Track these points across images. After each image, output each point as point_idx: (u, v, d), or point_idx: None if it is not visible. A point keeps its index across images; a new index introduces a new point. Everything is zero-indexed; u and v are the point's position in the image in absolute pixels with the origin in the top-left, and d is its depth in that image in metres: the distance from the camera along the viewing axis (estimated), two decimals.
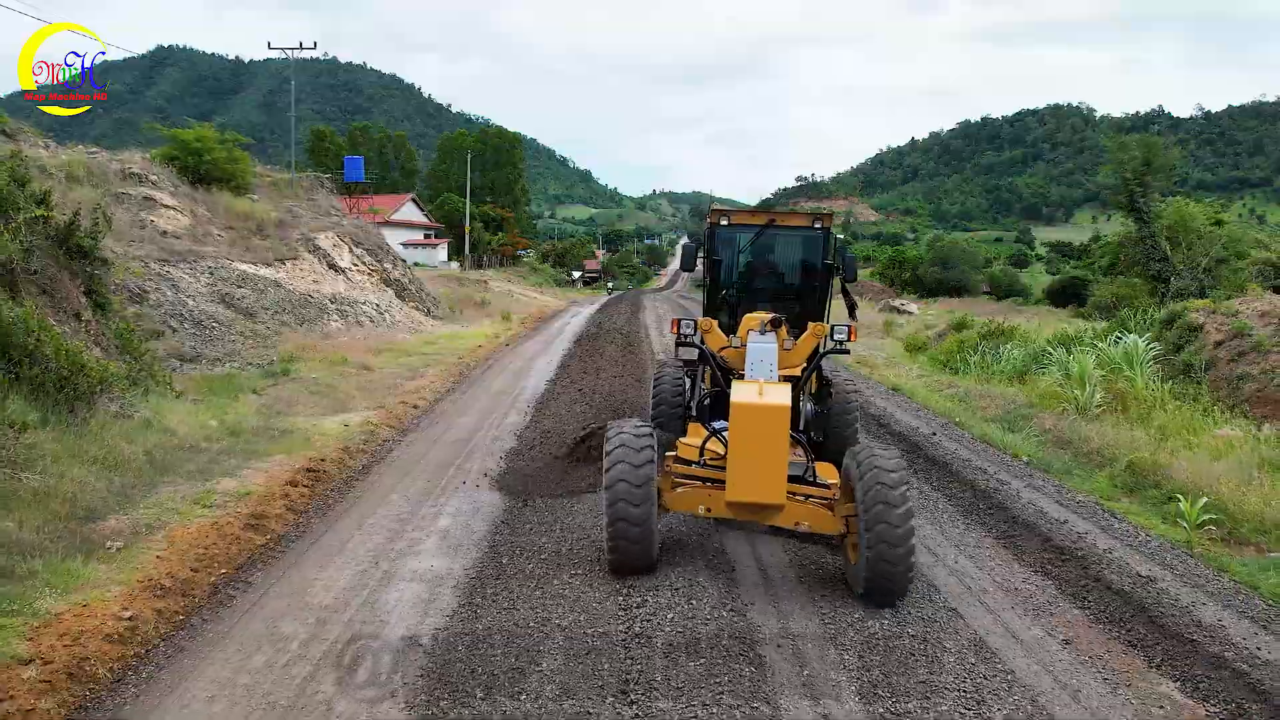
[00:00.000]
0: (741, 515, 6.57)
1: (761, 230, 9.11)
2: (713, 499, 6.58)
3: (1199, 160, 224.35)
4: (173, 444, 10.23)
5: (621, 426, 6.73)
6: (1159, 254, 23.53)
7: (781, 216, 9.33)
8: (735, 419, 6.20)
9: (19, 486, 7.74)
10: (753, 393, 6.29)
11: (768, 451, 6.14)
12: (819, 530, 6.60)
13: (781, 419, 6.15)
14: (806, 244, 9.14)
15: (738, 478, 6.21)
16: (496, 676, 5.09)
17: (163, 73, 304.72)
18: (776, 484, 6.19)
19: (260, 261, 26.34)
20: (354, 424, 12.38)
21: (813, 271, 9.15)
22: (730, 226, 9.05)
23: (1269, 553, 7.70)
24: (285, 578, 6.80)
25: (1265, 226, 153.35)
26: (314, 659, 5.39)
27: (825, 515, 6.54)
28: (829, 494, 6.71)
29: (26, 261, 10.92)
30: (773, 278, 9.49)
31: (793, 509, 6.44)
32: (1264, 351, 12.62)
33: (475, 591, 6.43)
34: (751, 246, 9.31)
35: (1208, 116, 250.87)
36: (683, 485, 6.80)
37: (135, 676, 5.33)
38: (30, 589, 6.25)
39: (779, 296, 9.23)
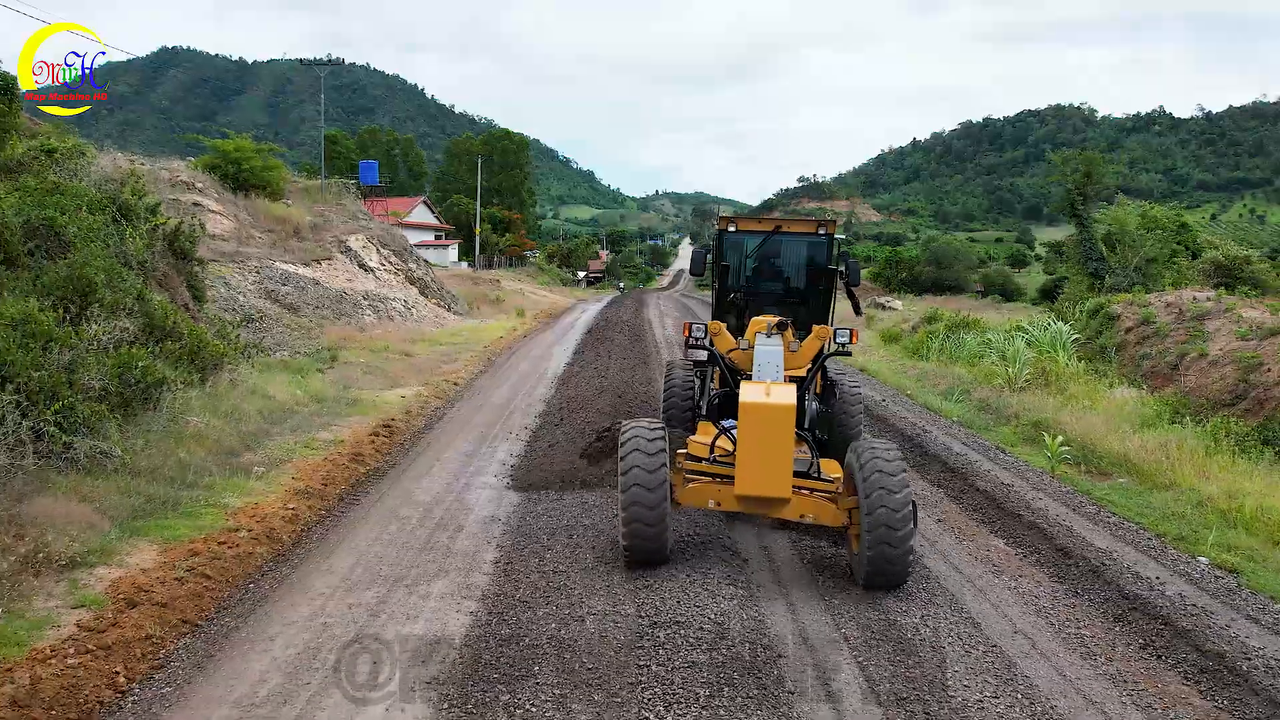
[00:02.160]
0: (750, 509, 6.85)
1: (768, 236, 9.42)
2: (722, 493, 6.87)
3: (1199, 161, 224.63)
4: (275, 406, 12.89)
5: (636, 425, 6.98)
6: (1096, 254, 26.33)
7: (787, 223, 9.65)
8: (743, 418, 6.55)
9: (184, 428, 10.39)
10: (760, 393, 6.64)
11: (774, 448, 6.48)
12: (823, 522, 6.87)
13: (787, 418, 6.49)
14: (811, 249, 9.43)
15: (746, 473, 6.55)
16: (549, 533, 7.75)
17: (166, 74, 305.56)
18: (783, 479, 6.53)
19: (299, 261, 28.97)
20: (409, 395, 15.05)
21: (817, 276, 9.40)
22: (738, 233, 9.38)
23: (1116, 479, 10.32)
24: (392, 488, 9.47)
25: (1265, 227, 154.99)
26: (430, 526, 8.06)
27: (829, 508, 6.80)
28: (832, 488, 6.98)
29: (151, 261, 13.57)
30: (779, 282, 9.73)
31: (798, 502, 6.70)
32: (1162, 335, 15.25)
33: (529, 497, 9.09)
34: (758, 252, 9.56)
35: (1208, 117, 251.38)
36: (694, 481, 7.06)
37: (308, 538, 7.98)
38: (215, 494, 8.90)
39: (784, 300, 9.47)
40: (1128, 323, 16.33)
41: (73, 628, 5.90)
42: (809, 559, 7.39)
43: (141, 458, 9.12)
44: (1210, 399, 12.99)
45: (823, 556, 7.43)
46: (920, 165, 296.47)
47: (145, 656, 5.65)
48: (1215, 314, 15.21)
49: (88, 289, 10.56)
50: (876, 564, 6.34)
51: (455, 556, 7.35)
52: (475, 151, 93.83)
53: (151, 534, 7.66)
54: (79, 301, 10.43)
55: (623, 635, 5.76)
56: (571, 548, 7.49)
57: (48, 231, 11.36)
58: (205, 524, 7.98)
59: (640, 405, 13.17)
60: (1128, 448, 10.88)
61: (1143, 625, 6.16)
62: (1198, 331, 14.74)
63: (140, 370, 9.89)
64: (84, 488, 8.15)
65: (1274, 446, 10.87)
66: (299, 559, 7.46)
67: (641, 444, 6.64)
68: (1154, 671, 5.52)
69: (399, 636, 5.82)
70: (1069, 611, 6.43)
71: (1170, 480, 9.76)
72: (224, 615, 6.32)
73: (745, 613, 6.13)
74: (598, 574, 6.87)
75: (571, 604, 6.21)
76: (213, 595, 6.64)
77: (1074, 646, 5.84)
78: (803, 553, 7.53)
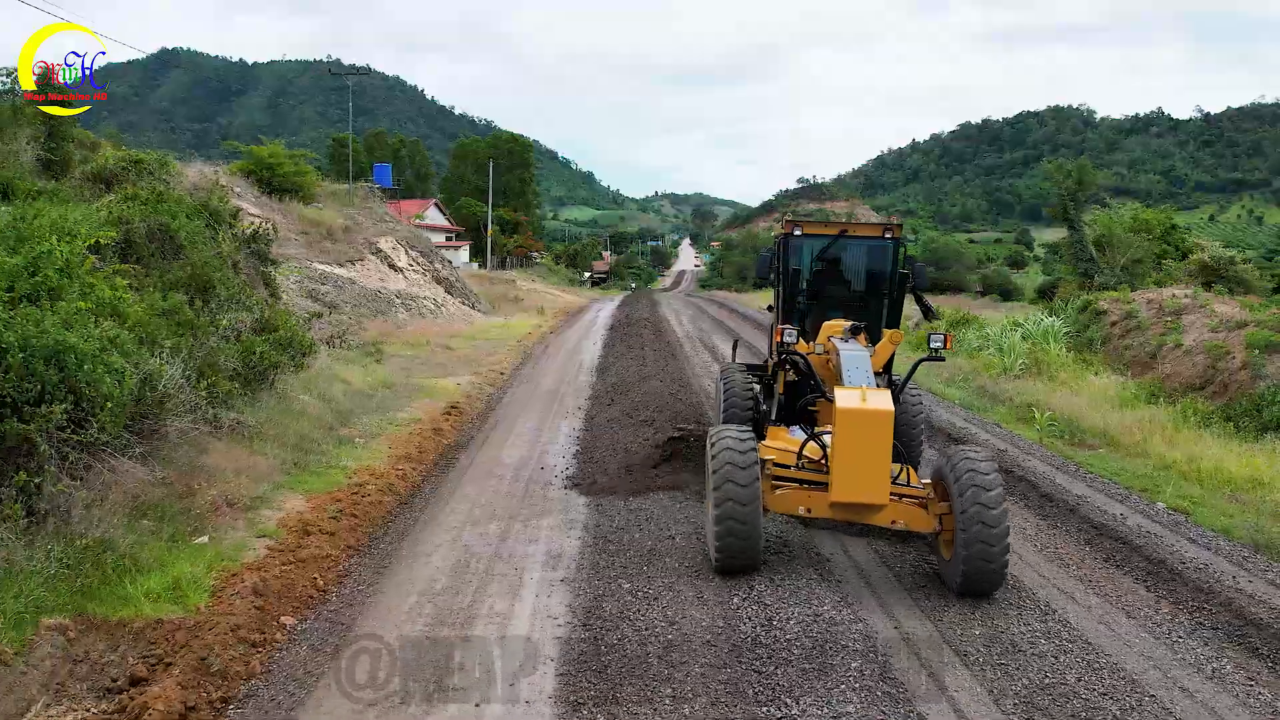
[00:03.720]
0: (843, 515, 6.83)
1: (833, 240, 9.39)
2: (813, 500, 6.87)
3: (1198, 162, 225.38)
4: (354, 390, 14.54)
5: (725, 432, 6.97)
6: (1086, 255, 28.14)
7: (852, 227, 9.69)
8: (841, 423, 6.47)
9: (292, 405, 12.03)
10: (856, 398, 6.55)
11: (872, 454, 6.44)
12: (914, 528, 6.85)
13: (886, 423, 6.43)
14: (876, 253, 9.39)
15: (843, 479, 6.49)
16: (610, 484, 9.41)
17: (167, 75, 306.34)
18: (880, 485, 6.49)
19: (334, 262, 30.61)
20: (463, 383, 16.69)
21: (881, 280, 9.34)
22: (803, 237, 9.31)
23: (1096, 449, 11.99)
24: (479, 455, 11.14)
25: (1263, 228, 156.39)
26: (524, 481, 9.74)
27: (920, 514, 6.78)
28: (923, 493, 6.93)
29: (240, 261, 15.22)
30: (843, 286, 9.68)
31: (890, 508, 6.68)
32: (1144, 329, 16.93)
33: (594, 451, 10.75)
34: (823, 256, 9.54)
35: (1207, 118, 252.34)
36: (782, 487, 7.03)
37: (421, 492, 9.63)
38: (331, 458, 10.54)
39: (849, 304, 9.39)
40: (1113, 317, 18.04)
41: (265, 550, 7.54)
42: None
43: (267, 428, 10.77)
44: (1183, 383, 14.66)
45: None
46: (919, 166, 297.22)
47: (331, 568, 7.30)
48: (1191, 309, 16.89)
49: (207, 285, 12.21)
50: (972, 570, 6.35)
51: (552, 501, 9.02)
52: (481, 154, 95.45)
53: (295, 487, 9.31)
54: (201, 296, 12.07)
55: (699, 552, 7.41)
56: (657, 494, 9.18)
57: (164, 235, 12.99)
58: (333, 481, 9.63)
59: (680, 388, 14.83)
60: (1107, 423, 12.54)
61: (1106, 545, 7.84)
62: (1174, 325, 16.42)
63: (259, 355, 11.54)
64: (232, 451, 9.80)
65: (1234, 422, 12.52)
66: (421, 506, 9.11)
67: (734, 455, 6.65)
68: (1112, 575, 7.20)
69: (527, 553, 7.48)
70: (1049, 538, 8.10)
71: (1142, 449, 11.43)
72: (379, 543, 7.98)
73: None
74: (677, 506, 8.52)
75: (660, 528, 7.87)
76: (363, 530, 8.29)
77: (1051, 559, 7.51)
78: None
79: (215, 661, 5.62)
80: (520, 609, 6.35)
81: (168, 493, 7.96)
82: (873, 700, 5.05)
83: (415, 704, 5.09)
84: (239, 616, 6.18)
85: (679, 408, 13.06)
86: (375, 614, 6.38)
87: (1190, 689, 5.35)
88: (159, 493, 7.86)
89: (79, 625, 5.99)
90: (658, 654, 5.54)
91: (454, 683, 5.30)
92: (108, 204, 13.89)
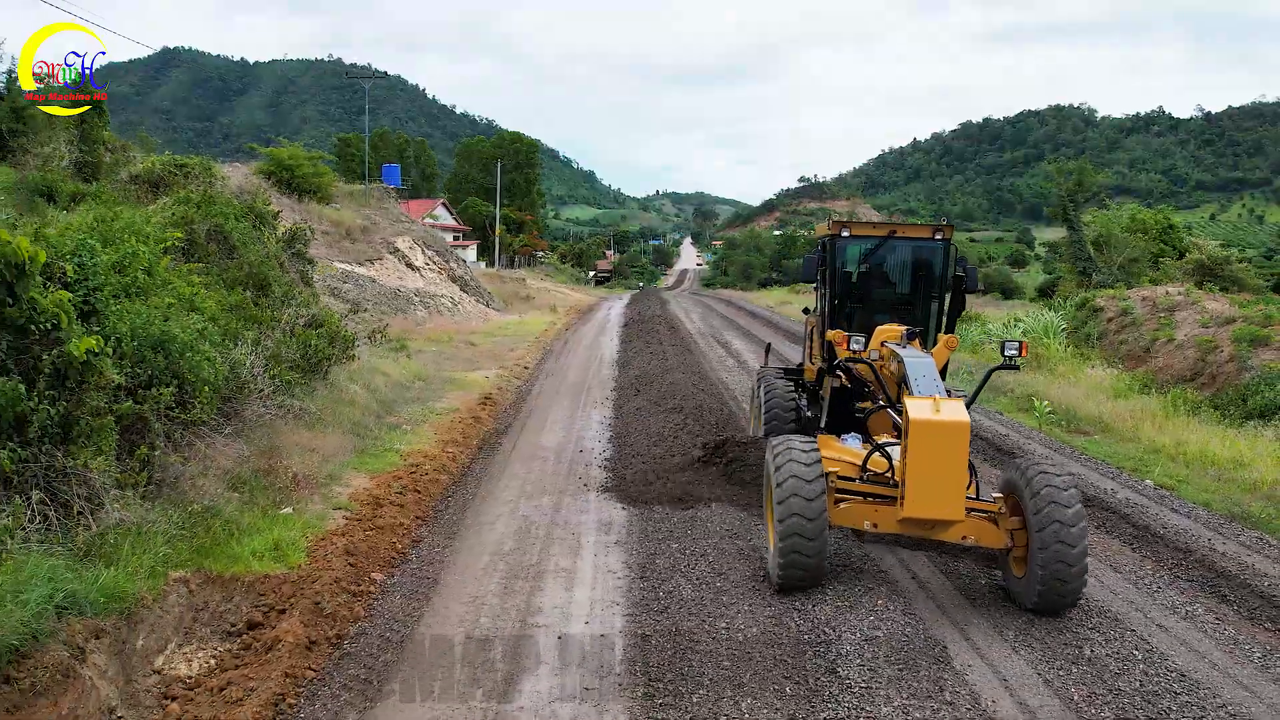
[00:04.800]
0: (912, 531, 6.54)
1: (882, 242, 9.08)
2: (880, 514, 6.58)
3: (1199, 161, 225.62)
4: (393, 382, 15.42)
5: (788, 443, 6.71)
6: (1085, 254, 29.08)
7: (902, 228, 9.29)
8: (915, 436, 6.14)
9: (342, 394, 12.93)
10: (929, 409, 6.23)
11: (948, 468, 6.14)
12: (984, 544, 6.60)
13: (962, 435, 6.16)
14: (927, 254, 9.01)
15: (917, 494, 6.18)
16: (644, 463, 10.29)
17: (168, 74, 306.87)
18: (956, 500, 6.20)
19: (354, 261, 31.50)
20: (492, 376, 17.58)
21: (931, 282, 9.00)
22: (852, 238, 9.00)
23: (1092, 435, 12.87)
24: (520, 440, 12.02)
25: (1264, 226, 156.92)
26: (566, 462, 10.62)
27: (990, 529, 6.52)
28: (994, 508, 6.67)
29: (285, 260, 16.11)
30: (890, 288, 9.39)
31: (962, 523, 6.41)
32: (1138, 324, 17.82)
33: (626, 436, 11.62)
34: (872, 258, 9.26)
35: (1208, 117, 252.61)
36: (845, 500, 6.74)
37: (472, 472, 10.51)
38: (384, 442, 11.43)
39: (896, 307, 9.13)
40: (1109, 314, 18.93)
41: (343, 520, 8.43)
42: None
43: (325, 414, 11.66)
44: (1174, 375, 15.54)
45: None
46: (920, 165, 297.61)
47: (405, 535, 8.19)
48: (1184, 306, 17.77)
49: (263, 283, 13.10)
50: (1049, 590, 6.13)
51: (594, 480, 9.90)
52: (486, 153, 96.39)
53: (358, 467, 10.20)
54: (257, 293, 12.96)
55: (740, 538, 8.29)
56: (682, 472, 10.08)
57: (220, 236, 13.88)
58: (390, 462, 10.52)
59: (700, 379, 15.71)
60: (1102, 412, 13.42)
61: (1097, 514, 8.72)
62: (1167, 321, 17.30)
63: (314, 348, 12.44)
64: (299, 434, 10.70)
65: (1221, 411, 13.40)
66: (475, 483, 10.00)
67: (799, 468, 6.40)
68: (1103, 539, 8.09)
69: (580, 521, 8.38)
70: None
71: (1134, 435, 12.31)
72: (443, 514, 8.87)
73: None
74: (704, 482, 9.39)
75: (697, 498, 8.76)
76: (427, 503, 9.18)
77: None
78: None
79: (326, 606, 6.52)
80: (583, 565, 7.25)
81: (254, 469, 8.86)
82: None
83: (507, 633, 5.98)
84: (336, 572, 7.08)
85: (702, 398, 13.94)
86: (455, 570, 7.28)
87: (1166, 626, 6.25)
88: (247, 468, 8.76)
89: (198, 579, 6.88)
90: (710, 596, 6.44)
91: (537, 620, 6.20)
92: (163, 207, 14.79)
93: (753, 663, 5.46)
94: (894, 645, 5.79)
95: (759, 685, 5.19)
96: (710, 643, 5.73)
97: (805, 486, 6.32)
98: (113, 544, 6.38)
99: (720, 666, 5.39)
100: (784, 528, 6.32)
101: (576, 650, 5.73)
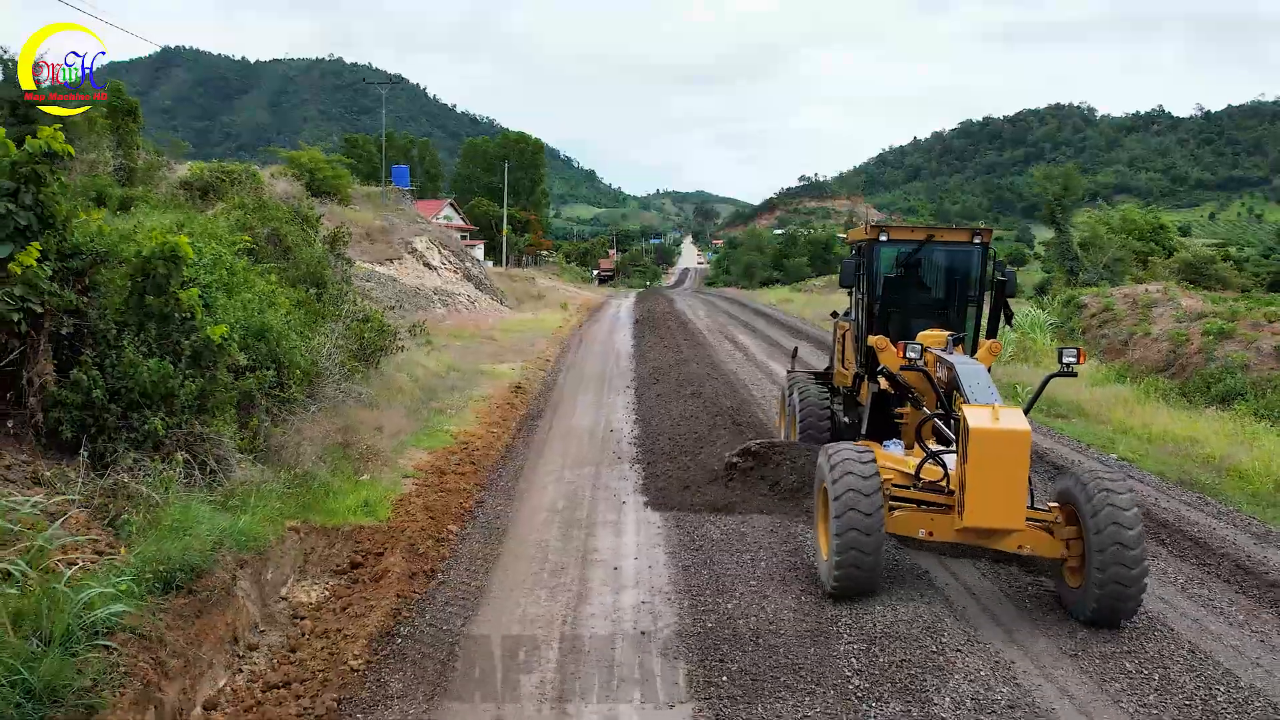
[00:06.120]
0: (968, 540, 6.55)
1: (920, 246, 9.01)
2: (936, 523, 6.56)
3: (1198, 160, 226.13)
4: (430, 373, 16.80)
5: (844, 451, 6.70)
6: (1072, 254, 30.60)
7: (940, 232, 9.19)
8: (975, 444, 6.08)
9: (391, 382, 14.30)
10: (988, 417, 6.17)
11: (1009, 477, 6.12)
12: (1039, 554, 6.58)
13: (1023, 444, 6.14)
14: (965, 258, 8.96)
15: (977, 503, 6.14)
16: (670, 440, 11.66)
17: (170, 73, 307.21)
18: (1017, 510, 6.19)
19: (375, 260, 32.85)
20: (517, 368, 18.96)
21: (968, 286, 8.97)
22: (890, 242, 8.97)
23: (1068, 418, 14.24)
24: (554, 422, 13.42)
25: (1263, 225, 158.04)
26: (599, 440, 12.02)
27: (1046, 538, 6.48)
28: (1049, 517, 6.61)
29: (329, 261, 17.48)
30: (926, 293, 9.39)
31: (1018, 533, 6.37)
32: (1119, 320, 19.22)
33: (650, 418, 12.99)
34: (909, 262, 9.23)
35: (1207, 116, 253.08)
36: (900, 508, 6.71)
37: (514, 448, 11.87)
38: (434, 424, 12.81)
39: (932, 312, 9.12)
40: (1093, 310, 20.34)
41: (414, 486, 9.81)
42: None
43: (380, 399, 13.04)
44: (1149, 366, 16.92)
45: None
46: (921, 164, 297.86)
47: (470, 497, 9.56)
48: (1161, 303, 19.16)
49: (320, 281, 14.48)
50: (1106, 604, 6.11)
51: (625, 453, 11.29)
52: (491, 154, 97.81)
53: (416, 444, 11.58)
54: (316, 290, 14.33)
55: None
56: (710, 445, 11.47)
57: (277, 238, 15.25)
58: (443, 440, 11.90)
59: (712, 369, 17.10)
60: (1080, 399, 14.79)
61: (1044, 469, 10.10)
62: (1145, 316, 18.69)
63: (368, 340, 13.82)
64: (363, 414, 12.07)
65: (1188, 397, 14.77)
66: (522, 457, 11.38)
67: (857, 480, 6.39)
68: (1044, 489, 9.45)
69: (620, 485, 9.78)
70: None
71: (1107, 418, 13.69)
72: (499, 480, 10.24)
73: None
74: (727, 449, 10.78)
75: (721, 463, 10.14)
76: (483, 473, 10.55)
77: None
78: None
79: (419, 547, 7.92)
80: (626, 518, 8.65)
81: (335, 442, 10.24)
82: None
83: (570, 570, 7.36)
84: (420, 523, 8.47)
85: (717, 385, 15.32)
86: (519, 522, 8.67)
87: None
88: (330, 441, 10.14)
89: (306, 528, 8.27)
90: (735, 538, 7.82)
91: (595, 557, 7.59)
92: (222, 212, 16.18)
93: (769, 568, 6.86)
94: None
95: (779, 591, 6.59)
96: (736, 568, 7.12)
97: (864, 500, 6.31)
98: (241, 497, 7.74)
99: (748, 585, 6.78)
100: (842, 538, 6.32)
101: (631, 576, 7.13)
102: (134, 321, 7.73)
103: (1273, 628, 6.50)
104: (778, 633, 5.94)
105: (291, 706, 5.52)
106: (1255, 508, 9.34)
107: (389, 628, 6.38)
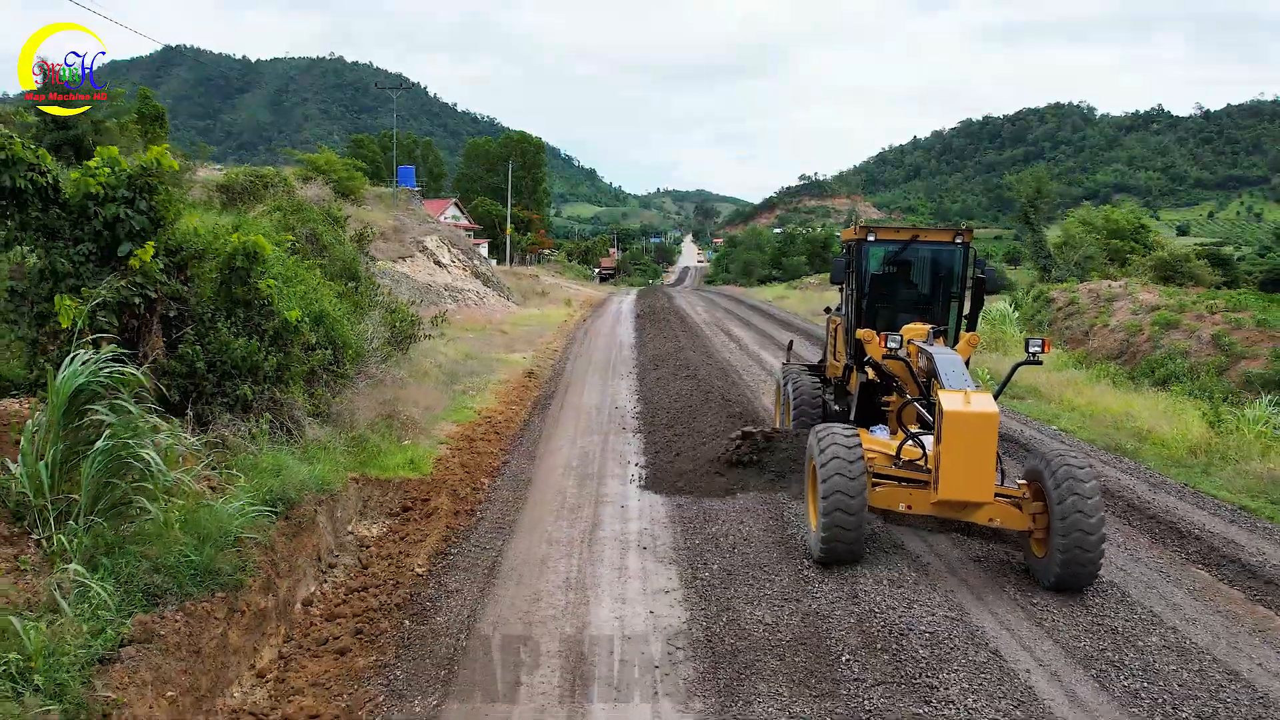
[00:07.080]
0: (943, 513, 7.15)
1: (905, 245, 9.58)
2: (914, 497, 7.21)
3: (1197, 159, 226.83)
4: (449, 360, 18.47)
5: (831, 431, 7.28)
6: (1045, 253, 32.27)
7: (924, 232, 9.74)
8: (948, 425, 6.68)
9: (419, 367, 15.96)
10: (960, 401, 6.74)
11: (978, 455, 6.71)
12: (1008, 526, 7.16)
13: (992, 425, 6.70)
14: (948, 257, 9.53)
15: (950, 479, 6.74)
16: (668, 414, 13.31)
17: (170, 73, 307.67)
18: (985, 484, 6.79)
19: (389, 258, 34.45)
20: (528, 356, 20.63)
21: (950, 283, 9.54)
22: (877, 242, 9.56)
23: (1024, 399, 15.90)
24: (565, 401, 15.08)
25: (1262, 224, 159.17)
26: (605, 414, 13.69)
27: (1015, 513, 7.08)
28: (1018, 493, 7.20)
29: (358, 258, 19.13)
30: (912, 289, 9.91)
31: (989, 507, 6.95)
32: (1082, 312, 20.87)
33: (651, 397, 14.64)
34: (895, 260, 9.76)
35: (1206, 115, 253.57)
36: (882, 484, 7.35)
37: (532, 422, 13.53)
38: (459, 402, 14.48)
39: (917, 307, 9.64)
40: (1060, 304, 21.98)
41: (448, 450, 11.47)
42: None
43: (410, 381, 14.71)
44: (1106, 354, 18.57)
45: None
46: (920, 163, 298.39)
47: (496, 458, 11.23)
48: (1121, 297, 20.80)
49: (354, 276, 16.14)
50: (1069, 567, 6.66)
51: (629, 424, 12.95)
52: (494, 153, 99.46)
53: (446, 419, 13.23)
54: (353, 284, 16.00)
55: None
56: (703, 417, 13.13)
57: (314, 237, 16.91)
58: (468, 415, 13.56)
59: (708, 357, 18.74)
60: (1037, 382, 16.45)
61: (1005, 444, 11.71)
62: (1106, 309, 20.32)
63: (399, 328, 15.48)
64: (399, 393, 13.74)
65: (1134, 381, 16.42)
66: (539, 428, 13.05)
67: (841, 451, 7.02)
68: (1006, 460, 11.11)
69: (625, 449, 11.46)
70: None
71: (1059, 399, 15.34)
72: (521, 445, 11.91)
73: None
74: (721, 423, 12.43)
75: (714, 432, 11.79)
76: (506, 440, 12.22)
77: None
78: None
79: (460, 493, 9.59)
80: (631, 472, 10.31)
81: (380, 414, 11.91)
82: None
83: (586, 508, 9.04)
84: (458, 476, 10.15)
85: (711, 369, 16.98)
86: (540, 475, 10.34)
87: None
88: (377, 413, 11.81)
89: (363, 480, 9.93)
90: (719, 485, 9.48)
91: (605, 499, 9.26)
92: (263, 213, 17.85)
93: (745, 504, 8.53)
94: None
95: (754, 518, 8.26)
96: (720, 505, 8.82)
97: (848, 467, 6.94)
98: (313, 452, 9.38)
99: (729, 515, 8.47)
100: (827, 504, 6.95)
101: (635, 511, 8.82)
102: (224, 306, 9.39)
103: (1151, 553, 8.17)
104: (749, 544, 7.63)
105: (372, 600, 7.18)
106: (1163, 466, 11.02)
107: (442, 549, 8.04)
